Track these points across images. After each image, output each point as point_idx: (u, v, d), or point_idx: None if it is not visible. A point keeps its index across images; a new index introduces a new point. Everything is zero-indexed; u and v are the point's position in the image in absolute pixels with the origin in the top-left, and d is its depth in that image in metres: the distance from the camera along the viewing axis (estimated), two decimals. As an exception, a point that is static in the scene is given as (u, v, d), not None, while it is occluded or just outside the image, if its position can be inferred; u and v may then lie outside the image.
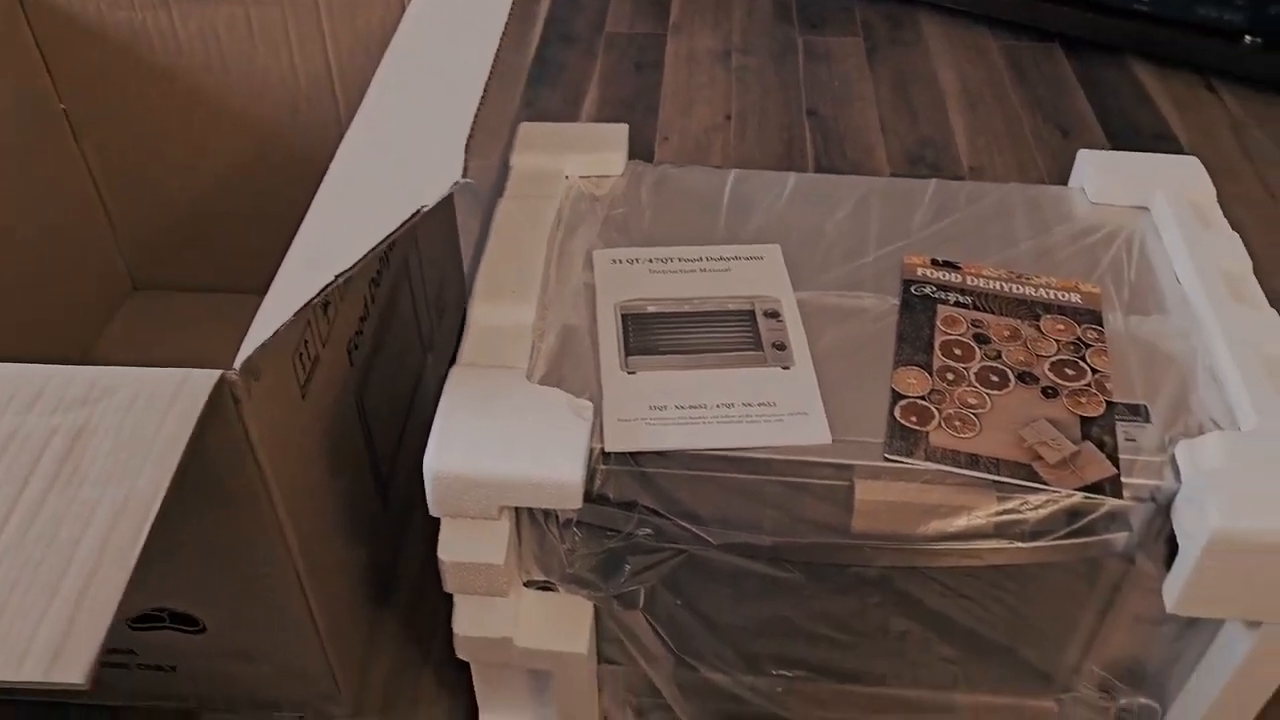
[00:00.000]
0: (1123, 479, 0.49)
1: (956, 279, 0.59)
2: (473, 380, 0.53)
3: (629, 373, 0.54)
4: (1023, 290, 0.59)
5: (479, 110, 0.50)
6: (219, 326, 0.57)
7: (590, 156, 0.66)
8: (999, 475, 0.50)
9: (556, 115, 1.21)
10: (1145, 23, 1.28)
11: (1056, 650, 0.57)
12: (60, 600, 0.37)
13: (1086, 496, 0.49)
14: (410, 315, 0.76)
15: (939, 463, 0.50)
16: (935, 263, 0.60)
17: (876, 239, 0.62)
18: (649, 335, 0.56)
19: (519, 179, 0.65)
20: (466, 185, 0.46)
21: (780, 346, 0.55)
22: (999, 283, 0.59)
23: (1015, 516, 0.50)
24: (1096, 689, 0.58)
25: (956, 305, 0.58)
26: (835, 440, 0.51)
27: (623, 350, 0.55)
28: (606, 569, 0.54)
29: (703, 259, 0.61)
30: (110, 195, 0.85)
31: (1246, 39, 1.23)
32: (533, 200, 0.63)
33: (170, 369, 0.45)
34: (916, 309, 0.58)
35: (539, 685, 0.62)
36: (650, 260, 0.60)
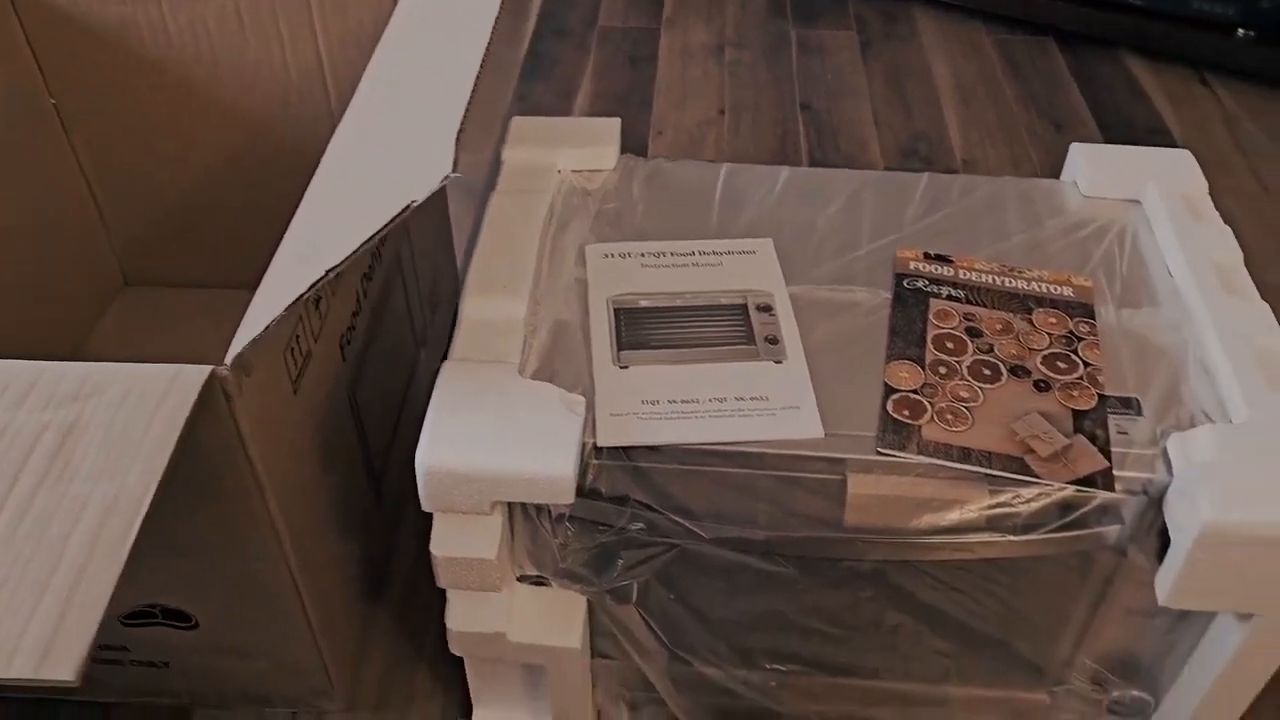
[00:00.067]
0: (1114, 472, 0.50)
1: (949, 272, 0.59)
2: (465, 375, 0.53)
3: (621, 367, 0.54)
4: (1015, 284, 0.59)
5: (470, 104, 0.50)
6: (211, 322, 0.57)
7: (582, 151, 0.66)
8: (991, 469, 0.50)
9: (550, 110, 1.21)
10: (1139, 17, 1.28)
11: (1049, 643, 0.57)
12: (51, 597, 0.37)
13: (1078, 490, 0.49)
14: (403, 310, 0.76)
15: (931, 456, 0.50)
16: (927, 256, 0.60)
17: (869, 233, 0.62)
18: (641, 330, 0.56)
19: (511, 173, 0.65)
20: (458, 179, 0.46)
21: (773, 340, 0.55)
22: (991, 276, 0.59)
23: (1007, 510, 0.50)
24: (1089, 682, 0.58)
25: (949, 299, 0.58)
26: (828, 434, 0.51)
27: (615, 345, 0.55)
28: (599, 563, 0.54)
29: (695, 253, 0.60)
30: (101, 190, 0.85)
31: (1240, 33, 1.23)
32: (525, 195, 0.63)
33: (161, 365, 0.45)
34: (909, 303, 0.58)
35: (533, 680, 0.62)
36: (642, 254, 0.60)
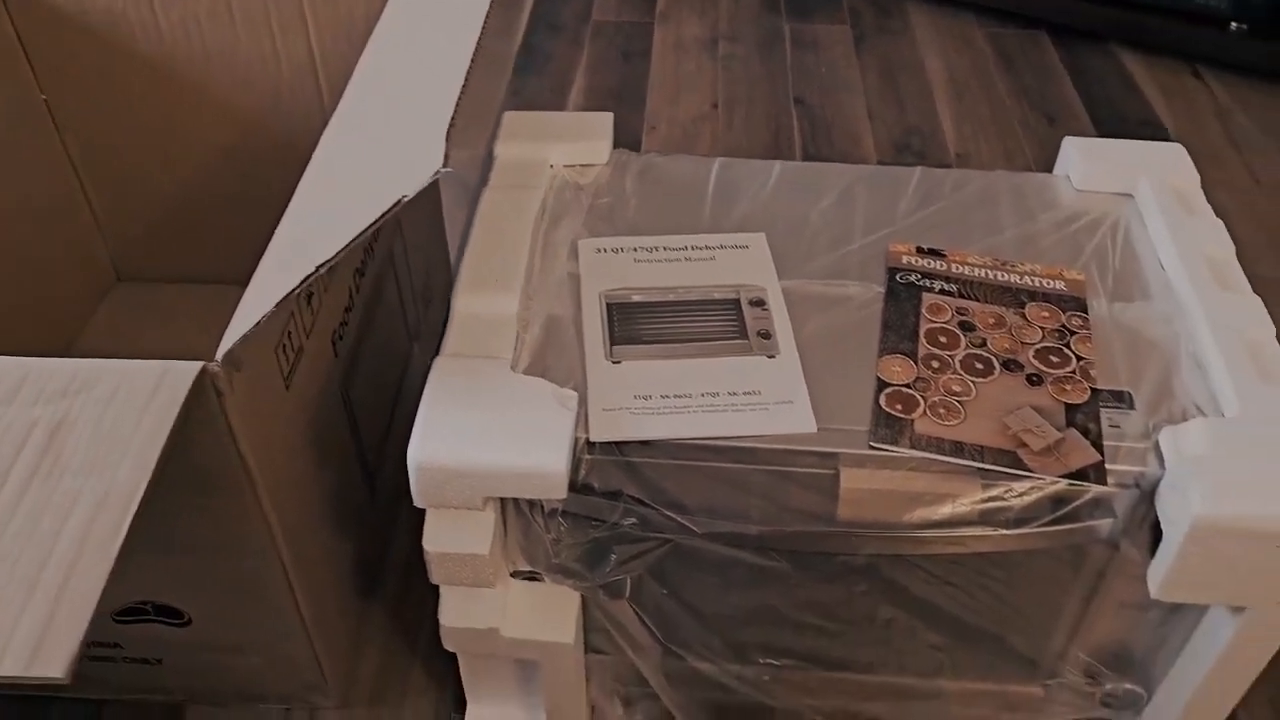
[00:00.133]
0: (1107, 466, 0.50)
1: (941, 267, 0.59)
2: (457, 371, 0.52)
3: (614, 362, 0.54)
4: (1007, 277, 0.59)
5: (461, 99, 0.50)
6: (204, 317, 0.57)
7: (575, 145, 0.66)
8: (984, 463, 0.50)
9: (543, 105, 1.20)
10: (1131, 10, 1.28)
11: (1042, 636, 0.57)
12: (40, 594, 0.37)
13: (1071, 483, 0.49)
14: (396, 305, 0.76)
15: (924, 450, 0.50)
16: (920, 250, 0.60)
17: (862, 227, 0.62)
18: (634, 324, 0.56)
19: (503, 168, 0.64)
20: (450, 174, 0.46)
21: (765, 335, 0.55)
22: (984, 270, 0.59)
23: (1000, 504, 0.50)
24: (1082, 674, 0.58)
25: (941, 293, 0.58)
26: (820, 429, 0.51)
27: (607, 340, 0.55)
28: (592, 559, 0.54)
29: (688, 248, 0.60)
30: (93, 186, 0.85)
31: (1232, 26, 1.23)
32: (517, 190, 0.63)
33: (151, 361, 0.45)
34: (901, 297, 0.58)
35: (526, 675, 0.62)
36: (635, 249, 0.60)
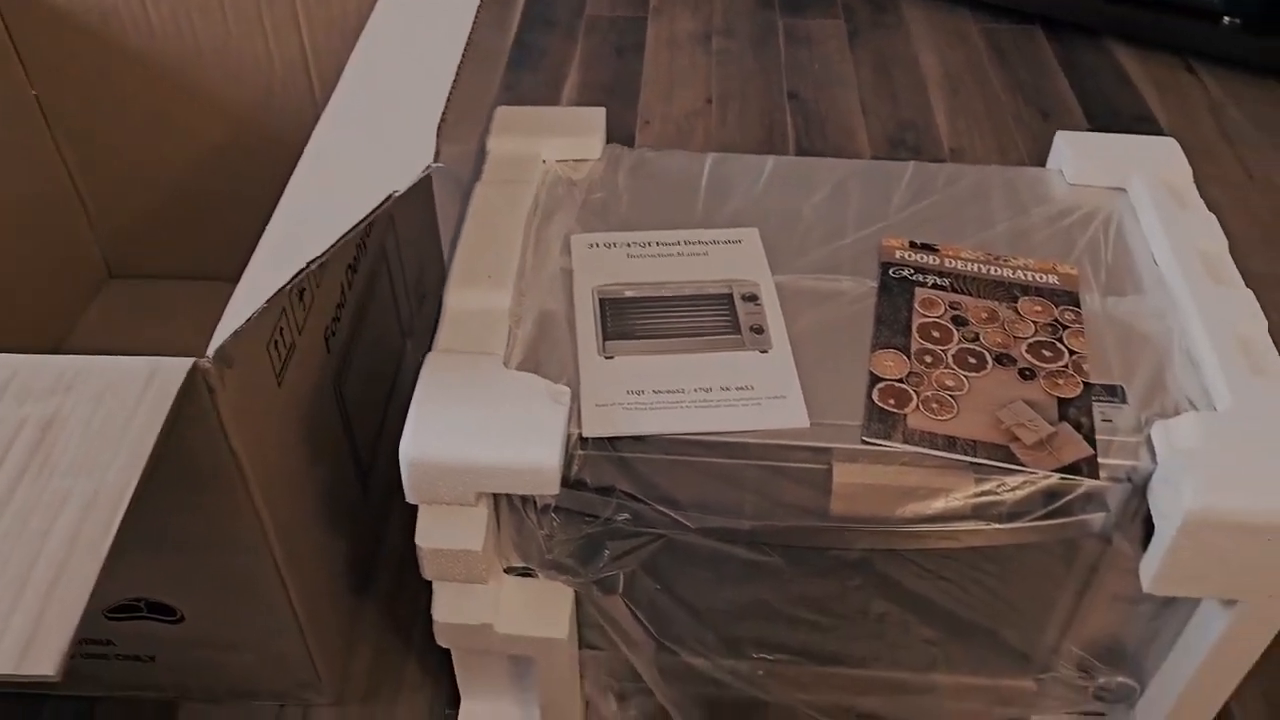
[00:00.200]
0: (1099, 460, 0.50)
1: (934, 261, 0.59)
2: (449, 366, 0.52)
3: (607, 357, 0.54)
4: (1000, 272, 0.59)
5: (452, 94, 0.50)
6: (197, 314, 0.56)
7: (567, 140, 0.65)
8: (976, 457, 0.50)
9: (537, 100, 1.20)
10: (1125, 5, 1.28)
11: (1035, 630, 0.57)
12: (31, 591, 0.37)
13: (1063, 477, 0.49)
14: (389, 301, 0.75)
15: (917, 445, 0.50)
16: (913, 245, 0.60)
17: (855, 222, 0.62)
18: (627, 320, 0.56)
19: (496, 163, 0.64)
20: (442, 169, 0.46)
21: (758, 330, 0.55)
22: (977, 265, 0.59)
23: (993, 498, 0.50)
24: (1075, 668, 0.58)
25: (934, 288, 0.58)
26: (813, 423, 0.51)
27: (600, 335, 0.55)
28: (585, 554, 0.53)
29: (680, 243, 0.60)
30: (84, 182, 0.84)
31: (1225, 20, 1.24)
32: (509, 185, 0.63)
33: (141, 358, 0.45)
34: (894, 291, 0.58)
35: (520, 671, 0.62)
36: (628, 244, 0.60)
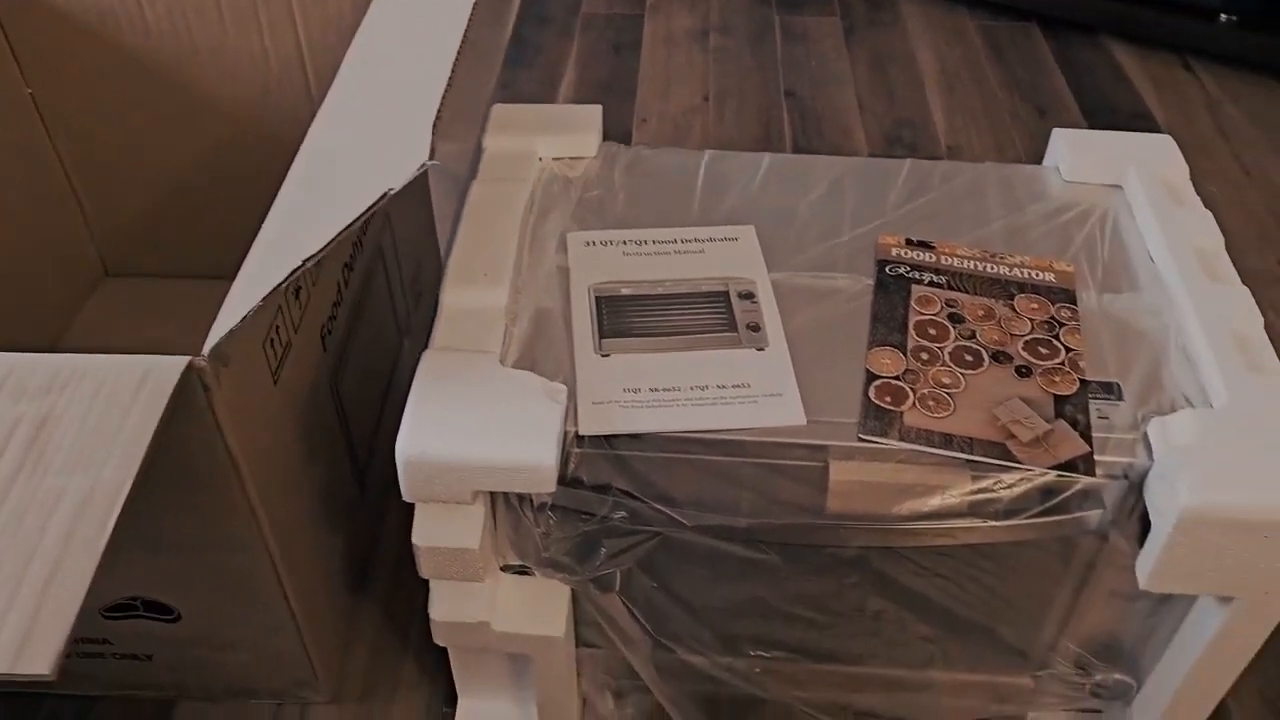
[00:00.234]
0: (1095, 457, 0.50)
1: (931, 259, 0.59)
2: (445, 365, 0.52)
3: (603, 355, 0.54)
4: (997, 269, 0.59)
5: (448, 91, 0.50)
6: (193, 313, 0.56)
7: (563, 138, 0.65)
8: (973, 454, 0.50)
9: (533, 98, 1.20)
10: (1122, 2, 1.28)
11: (1032, 627, 0.57)
12: (26, 590, 0.37)
13: (1060, 475, 0.49)
14: (385, 299, 0.75)
15: (913, 442, 0.50)
16: (909, 242, 0.60)
17: (851, 219, 0.62)
18: (623, 318, 0.56)
19: (492, 161, 0.64)
20: (439, 167, 0.46)
21: (754, 328, 0.55)
22: (973, 262, 0.59)
23: (989, 495, 0.50)
24: (1072, 665, 0.58)
25: (931, 285, 0.58)
26: (810, 421, 0.51)
27: (596, 333, 0.55)
28: (582, 552, 0.53)
29: (677, 241, 0.60)
30: (80, 181, 0.84)
31: (1222, 18, 1.24)
32: (505, 183, 0.62)
33: (136, 356, 0.45)
34: (891, 289, 0.58)
35: (518, 669, 0.62)
36: (624, 242, 0.60)
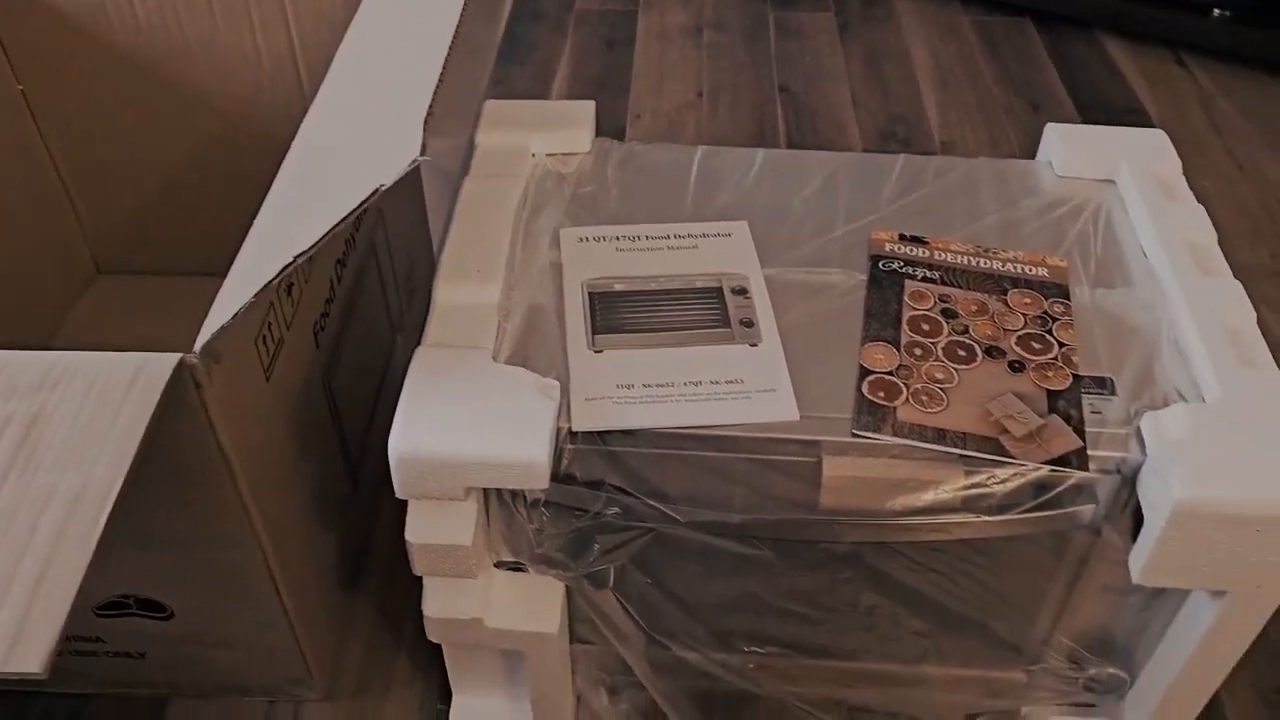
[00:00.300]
0: (1089, 451, 0.50)
1: (924, 254, 0.59)
2: (438, 361, 0.52)
3: (596, 351, 0.54)
4: (990, 264, 0.59)
5: (439, 87, 0.50)
6: (186, 310, 0.56)
7: (556, 134, 0.65)
8: (966, 449, 0.50)
9: (527, 94, 1.20)
10: (1115, -3, 1.28)
11: (1025, 622, 0.58)
12: (17, 589, 0.37)
13: (1053, 469, 0.49)
14: (379, 296, 0.75)
15: (906, 438, 0.50)
16: (903, 238, 0.60)
17: (844, 215, 0.62)
18: (616, 314, 0.56)
19: (484, 158, 0.64)
20: (430, 163, 0.46)
21: (748, 324, 0.55)
22: (966, 257, 0.59)
23: (982, 490, 0.50)
24: (1065, 660, 0.58)
25: (924, 280, 0.58)
26: (803, 417, 0.51)
27: (590, 329, 0.55)
28: (575, 548, 0.53)
29: (670, 236, 0.60)
30: (72, 178, 0.84)
31: (1216, 13, 1.24)
32: (498, 179, 0.62)
33: (128, 354, 0.45)
34: (884, 284, 0.58)
35: (512, 666, 0.62)
36: (617, 238, 0.60)
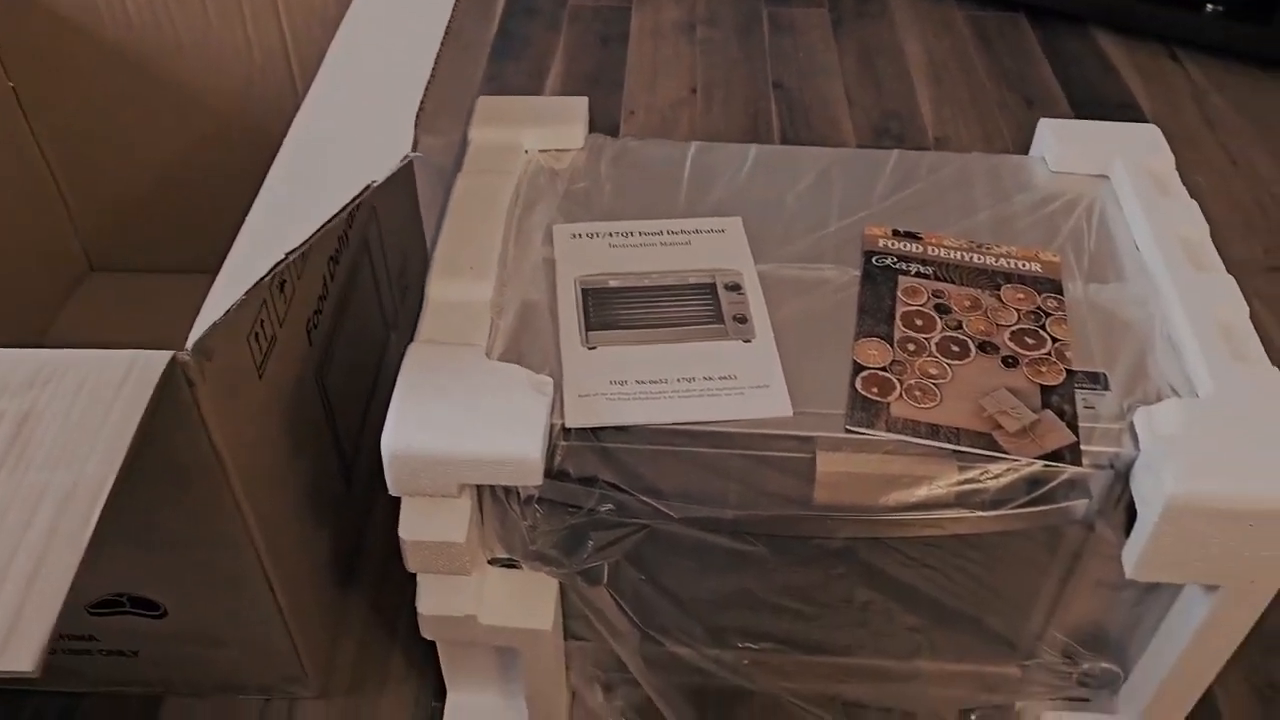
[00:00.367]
0: (1082, 447, 0.50)
1: (917, 249, 0.59)
2: (431, 358, 0.52)
3: (589, 348, 0.54)
4: (983, 260, 0.59)
5: (431, 83, 0.50)
6: (178, 307, 0.56)
7: (549, 130, 0.65)
8: (960, 445, 0.50)
9: (520, 90, 1.20)
10: (1109, -8, 1.29)
11: (1019, 617, 0.58)
12: (9, 587, 0.37)
13: (1046, 465, 0.49)
14: (372, 293, 0.75)
15: (900, 433, 0.50)
16: (896, 233, 0.60)
17: (838, 210, 0.62)
18: (609, 310, 0.56)
19: (477, 154, 0.64)
20: (422, 159, 0.46)
21: (741, 319, 0.55)
22: (960, 253, 0.59)
23: (976, 486, 0.50)
24: (1059, 654, 0.59)
25: (917, 276, 0.58)
26: (796, 412, 0.51)
27: (583, 325, 0.55)
28: (569, 545, 0.53)
29: (663, 232, 0.60)
30: (64, 175, 0.84)
31: (1208, 7, 1.24)
32: (491, 175, 0.62)
33: (119, 351, 0.45)
34: (877, 280, 0.58)
35: (506, 662, 0.61)
36: (610, 234, 0.60)
